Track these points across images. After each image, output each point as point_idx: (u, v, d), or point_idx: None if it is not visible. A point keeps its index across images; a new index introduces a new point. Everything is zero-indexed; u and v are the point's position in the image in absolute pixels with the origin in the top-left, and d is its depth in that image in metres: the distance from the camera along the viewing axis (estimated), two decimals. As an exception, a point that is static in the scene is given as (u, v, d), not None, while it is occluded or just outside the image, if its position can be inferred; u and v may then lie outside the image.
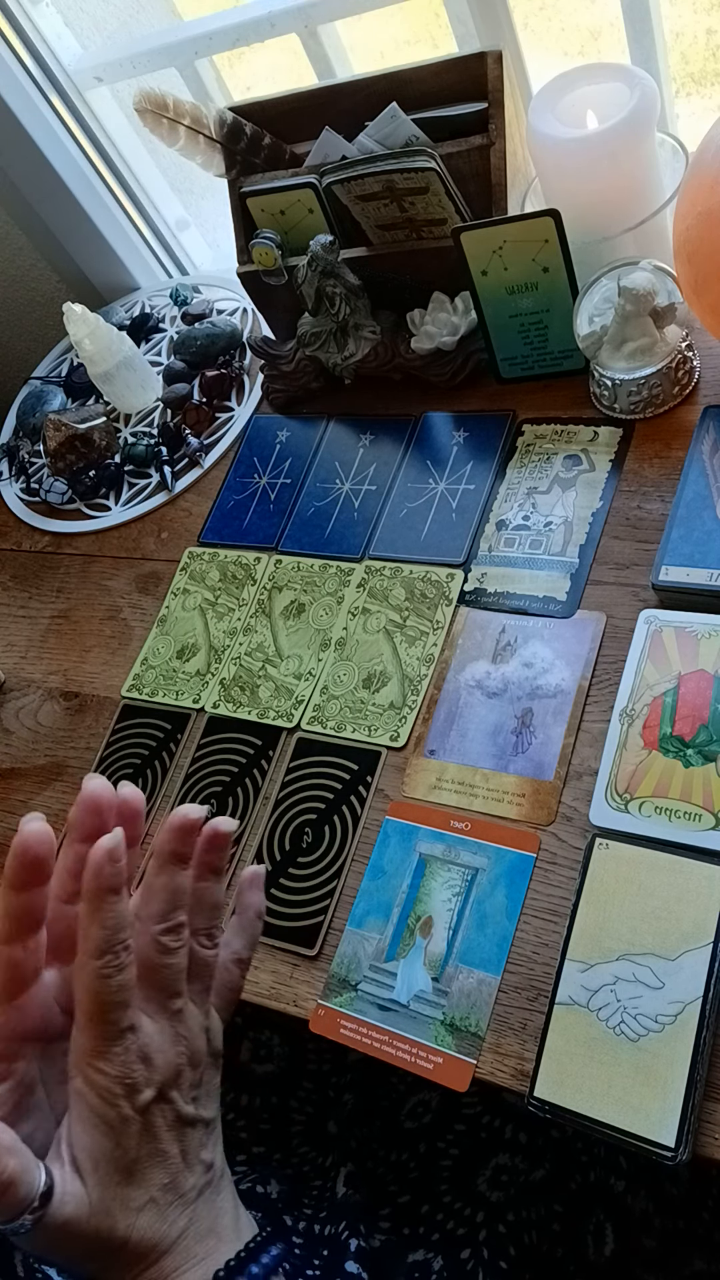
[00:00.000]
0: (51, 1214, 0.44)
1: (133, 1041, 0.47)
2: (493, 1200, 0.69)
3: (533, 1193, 0.69)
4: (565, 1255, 0.66)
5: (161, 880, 0.49)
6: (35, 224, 1.21)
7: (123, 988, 0.46)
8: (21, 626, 1.01)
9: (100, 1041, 0.46)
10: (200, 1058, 0.50)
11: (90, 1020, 0.46)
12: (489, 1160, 0.71)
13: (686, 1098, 0.56)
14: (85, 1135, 0.46)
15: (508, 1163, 0.71)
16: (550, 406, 0.88)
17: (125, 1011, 0.47)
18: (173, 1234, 0.47)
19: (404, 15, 2.19)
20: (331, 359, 0.94)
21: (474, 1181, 0.70)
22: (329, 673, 0.82)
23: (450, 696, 0.77)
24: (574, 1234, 0.67)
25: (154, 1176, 0.47)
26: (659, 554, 0.72)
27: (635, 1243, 0.66)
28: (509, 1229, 0.67)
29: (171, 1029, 0.49)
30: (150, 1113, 0.47)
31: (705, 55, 2.14)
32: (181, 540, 0.98)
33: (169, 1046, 0.48)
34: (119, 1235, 0.46)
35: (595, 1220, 0.67)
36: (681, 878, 0.61)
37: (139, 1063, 0.47)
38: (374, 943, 0.69)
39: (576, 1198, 0.68)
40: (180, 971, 0.50)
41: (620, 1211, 0.67)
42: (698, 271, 0.72)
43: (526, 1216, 0.68)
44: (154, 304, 1.22)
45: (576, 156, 0.79)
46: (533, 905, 0.66)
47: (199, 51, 1.07)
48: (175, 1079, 0.48)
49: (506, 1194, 0.69)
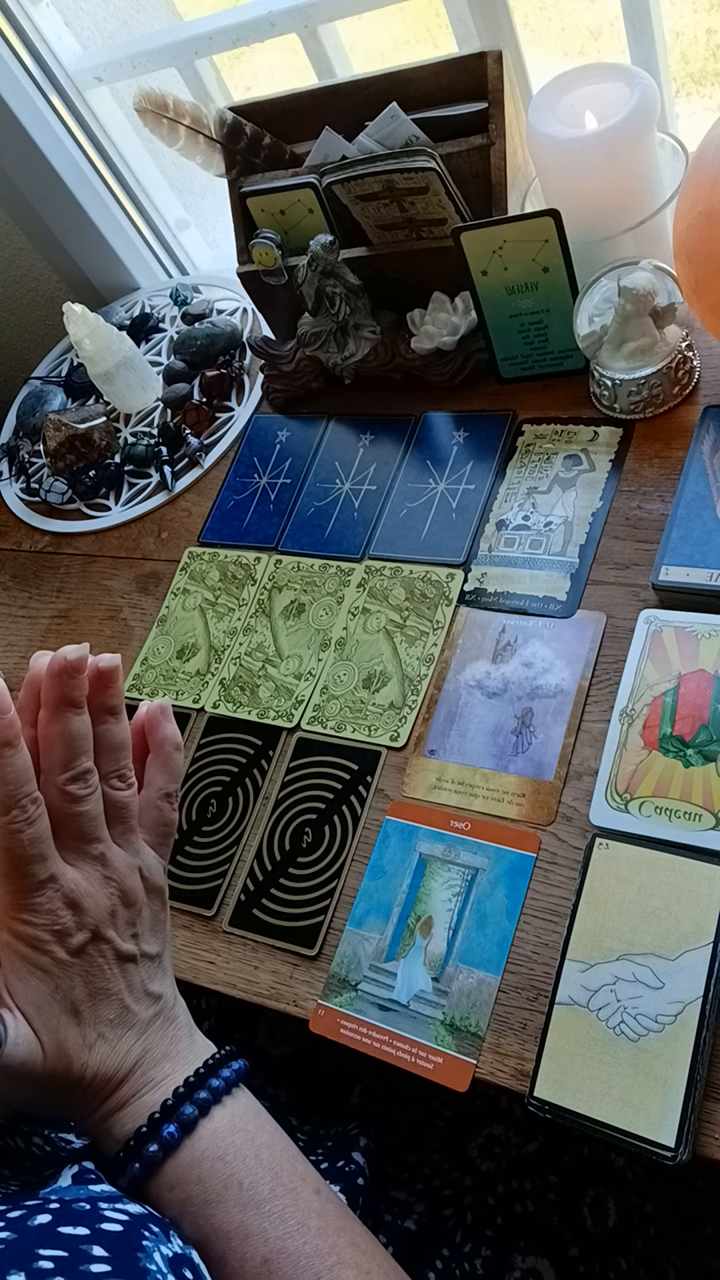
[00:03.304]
0: (7, 1055, 0.45)
1: (55, 891, 0.47)
2: (483, 1169, 0.70)
3: (525, 1165, 0.70)
4: (561, 1224, 0.67)
5: (57, 729, 0.49)
6: (35, 224, 1.21)
7: (35, 840, 0.46)
8: (21, 626, 1.01)
9: (21, 895, 0.47)
10: (134, 896, 0.50)
11: (7, 876, 0.47)
12: (481, 1129, 0.72)
13: (686, 1098, 0.56)
14: (22, 984, 0.47)
15: (500, 1134, 0.71)
16: (550, 406, 0.88)
17: (43, 864, 0.47)
18: (128, 1063, 0.48)
19: (404, 15, 2.19)
20: (331, 359, 0.94)
21: (465, 1146, 0.71)
22: (329, 673, 0.82)
23: (450, 696, 0.77)
24: (570, 1205, 0.68)
25: (102, 1012, 0.48)
26: (659, 554, 0.72)
27: (640, 1215, 0.67)
28: (498, 1200, 0.68)
29: (98, 873, 0.49)
30: (88, 953, 0.48)
31: (705, 55, 2.14)
32: (181, 540, 0.98)
33: (98, 890, 0.49)
34: (75, 1073, 0.47)
35: (595, 1192, 0.68)
36: (681, 878, 0.61)
37: (65, 909, 0.47)
38: (374, 943, 0.69)
39: (571, 1171, 0.69)
40: (95, 818, 0.50)
41: (622, 1185, 0.68)
42: (698, 271, 0.72)
43: (519, 1187, 0.69)
44: (154, 304, 1.22)
45: (576, 156, 0.79)
46: (533, 905, 0.66)
47: (199, 51, 1.07)
48: (110, 919, 0.49)
49: (497, 1165, 0.70)
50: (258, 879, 0.76)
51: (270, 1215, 0.46)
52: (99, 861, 0.49)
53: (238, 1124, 0.49)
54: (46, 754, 0.49)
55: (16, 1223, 0.40)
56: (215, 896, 0.76)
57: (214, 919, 0.76)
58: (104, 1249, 0.39)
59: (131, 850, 0.51)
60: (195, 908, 0.76)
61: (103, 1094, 0.48)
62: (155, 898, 0.52)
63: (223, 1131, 0.48)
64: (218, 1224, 0.45)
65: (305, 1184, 0.48)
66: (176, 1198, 0.46)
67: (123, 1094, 0.48)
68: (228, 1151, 0.47)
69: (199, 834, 0.79)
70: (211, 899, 0.76)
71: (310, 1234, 0.46)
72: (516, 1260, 0.65)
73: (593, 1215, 0.67)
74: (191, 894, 0.77)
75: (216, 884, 0.77)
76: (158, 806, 0.54)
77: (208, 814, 0.80)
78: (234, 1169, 0.47)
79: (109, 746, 0.51)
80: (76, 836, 0.49)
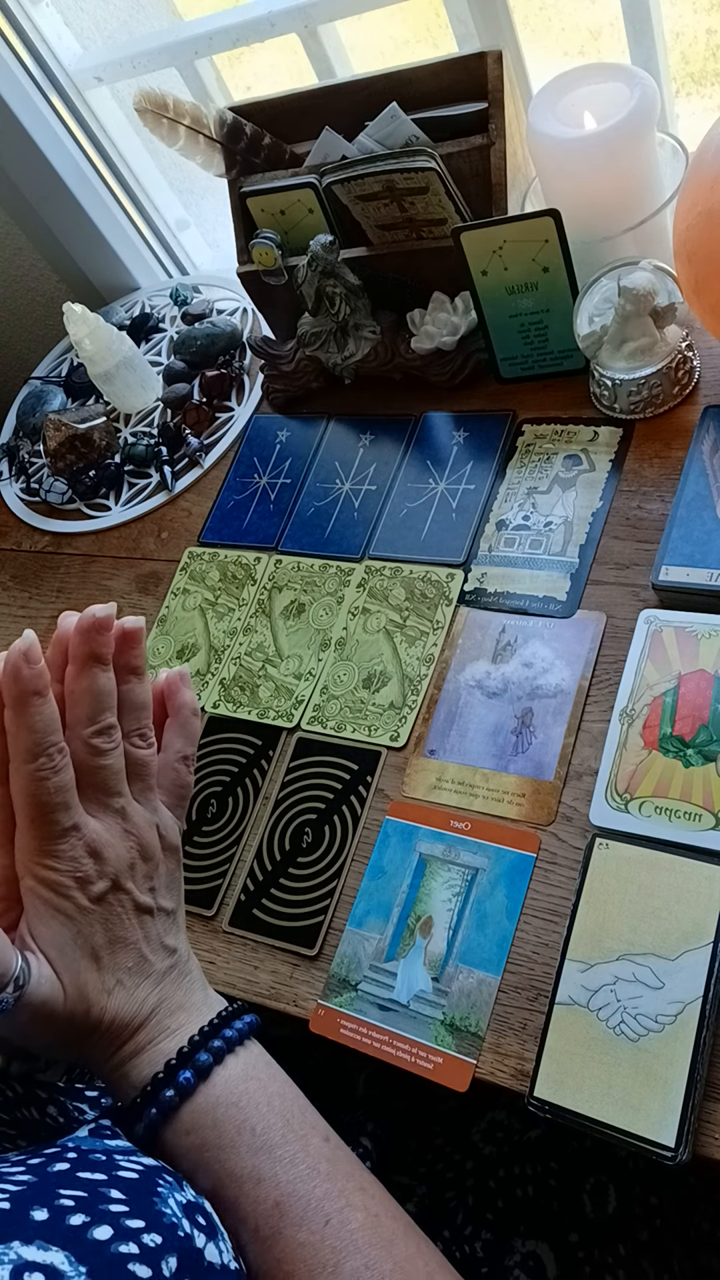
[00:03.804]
0: (30, 993, 0.46)
1: (78, 839, 0.48)
2: (485, 1153, 0.71)
3: (527, 1150, 0.70)
4: (561, 1210, 0.67)
5: (84, 683, 0.50)
6: (35, 224, 1.21)
7: (60, 789, 0.48)
8: (21, 626, 1.01)
9: (45, 841, 0.48)
10: (152, 851, 0.52)
11: (32, 822, 0.48)
12: (484, 1114, 0.72)
13: (686, 1098, 0.56)
14: (45, 928, 0.48)
15: (503, 1120, 0.72)
16: (550, 406, 0.88)
17: (67, 812, 0.48)
18: (144, 1011, 0.49)
19: (404, 15, 2.19)
20: (331, 359, 0.94)
21: (467, 1131, 0.72)
22: (329, 673, 0.82)
23: (450, 696, 0.77)
24: (570, 1191, 0.68)
25: (120, 959, 0.49)
26: (659, 554, 0.72)
27: (641, 1204, 0.67)
28: (499, 1184, 0.69)
29: (119, 825, 0.51)
30: (108, 901, 0.49)
31: (705, 55, 2.14)
32: (181, 540, 0.98)
33: (118, 841, 0.50)
34: (93, 1016, 0.48)
35: (596, 1180, 0.68)
36: (681, 878, 0.61)
37: (88, 857, 0.49)
38: (374, 943, 0.69)
39: (573, 1158, 0.69)
40: (118, 772, 0.51)
41: (624, 1174, 0.68)
42: (698, 271, 0.72)
43: (520, 1173, 0.69)
44: (154, 304, 1.22)
45: (576, 156, 0.79)
46: (533, 905, 0.66)
47: (199, 51, 1.07)
48: (129, 870, 0.50)
49: (500, 1150, 0.71)
50: (258, 879, 0.76)
51: (282, 1160, 0.47)
52: (119, 815, 0.51)
53: (250, 1072, 0.50)
54: (73, 708, 0.50)
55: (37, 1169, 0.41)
56: (215, 896, 0.76)
57: (214, 919, 0.76)
58: (121, 1192, 0.40)
59: (150, 807, 0.53)
60: (195, 908, 0.76)
61: (120, 1039, 0.49)
62: (171, 856, 0.53)
63: (236, 1079, 0.49)
64: (231, 1168, 0.46)
65: (315, 1131, 0.49)
66: (192, 1142, 0.47)
67: (139, 1040, 0.49)
68: (241, 1098, 0.48)
69: (199, 834, 0.79)
70: (211, 899, 0.76)
71: (320, 1178, 0.47)
72: (516, 1244, 0.66)
73: (593, 1202, 0.67)
74: (191, 894, 0.77)
75: (216, 884, 0.77)
76: (175, 769, 0.55)
77: (208, 814, 0.80)
78: (247, 1115, 0.48)
79: (131, 705, 0.52)
80: (99, 789, 0.50)
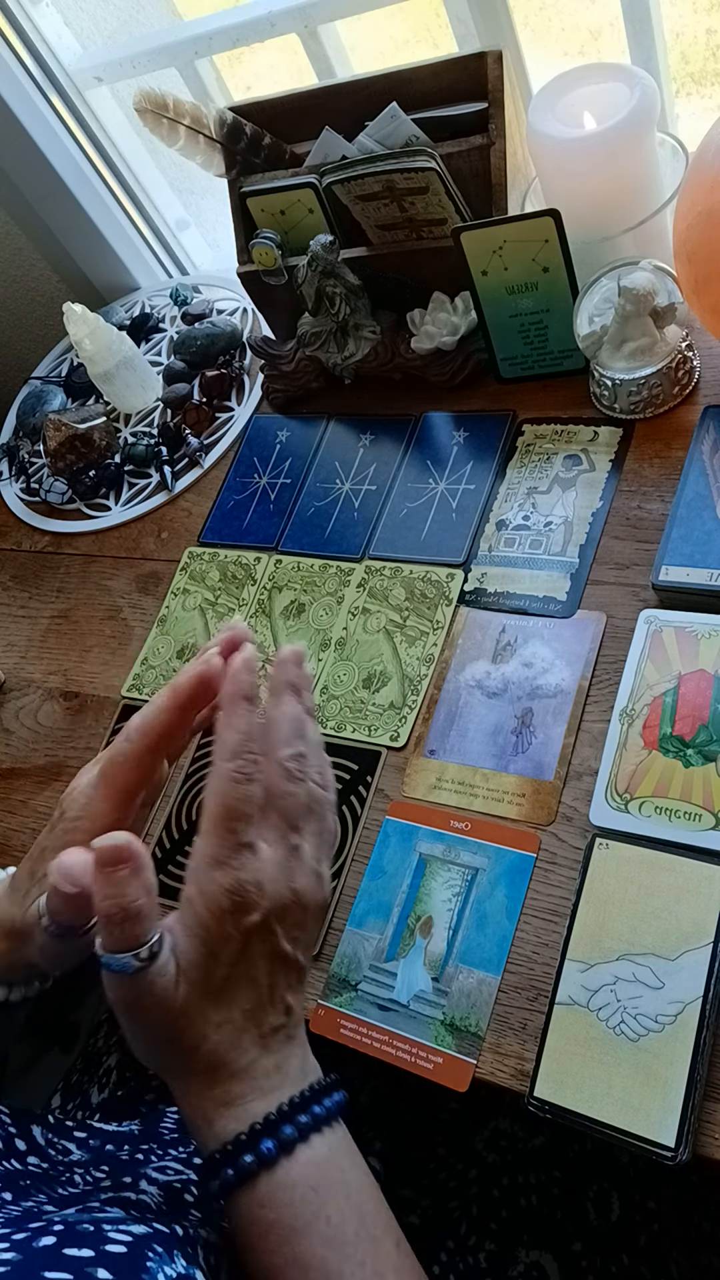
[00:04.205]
0: (154, 972, 0.45)
1: (250, 859, 0.47)
2: (488, 1162, 0.70)
3: (530, 1159, 0.70)
4: (565, 1218, 0.67)
5: (284, 710, 0.51)
6: (35, 224, 1.21)
7: (248, 799, 0.47)
8: (21, 626, 1.01)
9: (220, 849, 0.47)
10: (308, 899, 0.50)
11: (215, 825, 0.47)
12: (488, 1122, 0.72)
13: (686, 1098, 0.56)
14: (185, 941, 0.47)
15: (506, 1128, 0.72)
16: (550, 406, 0.88)
17: (248, 825, 0.47)
18: (243, 1061, 0.48)
19: (404, 15, 2.19)
20: (331, 359, 0.94)
21: (471, 1140, 0.71)
22: (329, 673, 0.82)
23: (450, 696, 0.77)
24: (574, 1199, 0.68)
25: (240, 999, 0.48)
26: (659, 554, 0.72)
27: (642, 1211, 0.67)
28: (503, 1193, 0.68)
29: (287, 862, 0.49)
30: (251, 937, 0.48)
31: (705, 55, 2.14)
32: (181, 540, 0.98)
33: (281, 878, 0.49)
34: (190, 1040, 0.47)
35: (598, 1187, 0.68)
36: (681, 878, 0.61)
37: (252, 883, 0.47)
38: (374, 943, 0.69)
39: (576, 1165, 0.69)
40: (303, 804, 0.50)
41: (626, 1181, 0.68)
42: (698, 271, 0.72)
43: (524, 1181, 0.69)
44: (154, 304, 1.22)
45: (576, 156, 0.79)
46: (533, 905, 0.66)
47: (199, 51, 1.07)
48: (282, 912, 0.48)
49: (503, 1159, 0.70)
50: (258, 879, 0.76)
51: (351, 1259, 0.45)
52: (293, 852, 0.49)
53: (333, 1157, 0.48)
54: (271, 732, 0.50)
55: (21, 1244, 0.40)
56: (215, 896, 0.76)
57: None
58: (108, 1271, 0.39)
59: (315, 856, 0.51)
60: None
61: (211, 1082, 0.48)
62: (319, 914, 0.52)
63: (318, 1161, 0.47)
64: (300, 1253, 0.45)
65: (388, 1234, 0.48)
66: (266, 1217, 0.46)
67: (231, 1091, 0.47)
68: (321, 1183, 0.47)
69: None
70: (211, 899, 0.76)
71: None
72: (520, 1254, 0.65)
73: (596, 1210, 0.67)
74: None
75: (216, 884, 0.77)
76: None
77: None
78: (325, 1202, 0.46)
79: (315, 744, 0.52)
80: (282, 816, 0.49)
